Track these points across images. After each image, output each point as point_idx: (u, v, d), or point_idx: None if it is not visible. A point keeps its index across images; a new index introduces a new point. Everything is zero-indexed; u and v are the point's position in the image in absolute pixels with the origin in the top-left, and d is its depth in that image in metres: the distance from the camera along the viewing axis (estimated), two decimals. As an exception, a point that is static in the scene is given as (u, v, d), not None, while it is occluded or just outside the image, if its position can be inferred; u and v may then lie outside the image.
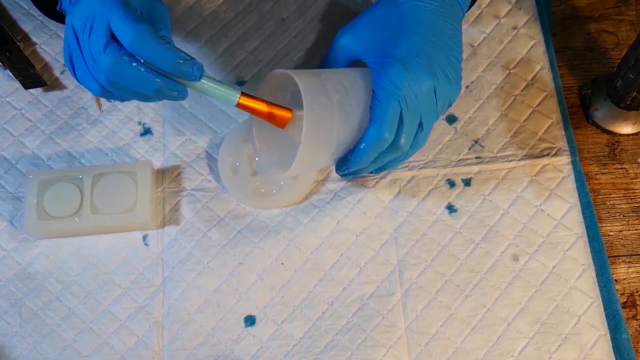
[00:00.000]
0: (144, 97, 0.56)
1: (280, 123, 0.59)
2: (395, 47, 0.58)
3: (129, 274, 0.66)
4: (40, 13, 0.76)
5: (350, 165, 0.59)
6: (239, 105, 0.57)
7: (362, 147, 0.57)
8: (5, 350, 0.63)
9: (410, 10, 0.59)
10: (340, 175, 0.61)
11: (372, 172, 0.63)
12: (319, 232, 0.67)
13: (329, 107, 0.56)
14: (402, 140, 0.57)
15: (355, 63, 0.63)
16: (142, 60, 0.53)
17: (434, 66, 0.58)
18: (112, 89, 0.55)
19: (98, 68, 0.53)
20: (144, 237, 0.67)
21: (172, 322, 0.64)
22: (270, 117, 0.59)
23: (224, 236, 0.67)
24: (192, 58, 0.53)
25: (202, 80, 0.55)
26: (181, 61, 0.52)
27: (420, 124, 0.58)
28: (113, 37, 0.52)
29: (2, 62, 0.73)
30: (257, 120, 0.60)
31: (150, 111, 0.72)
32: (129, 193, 0.66)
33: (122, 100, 0.58)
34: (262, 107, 0.58)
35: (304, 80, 0.56)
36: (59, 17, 0.75)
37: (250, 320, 0.64)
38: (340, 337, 0.63)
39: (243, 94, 0.57)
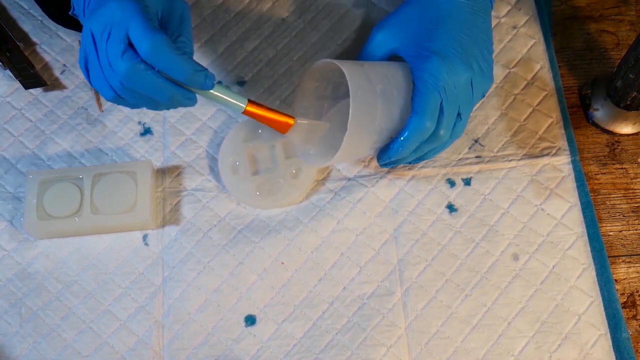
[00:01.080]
0: (155, 105, 0.57)
1: (282, 129, 0.61)
2: (432, 41, 0.60)
3: (129, 274, 0.66)
4: (41, 13, 0.76)
5: (392, 154, 0.61)
6: (245, 112, 0.59)
7: (405, 136, 0.60)
8: (5, 350, 0.63)
9: (446, 5, 0.61)
10: (381, 164, 0.64)
11: (410, 162, 0.65)
12: (319, 231, 0.67)
13: (372, 94, 0.58)
14: (442, 130, 0.60)
15: (391, 58, 0.65)
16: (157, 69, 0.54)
17: (469, 59, 0.60)
18: (126, 95, 0.55)
19: (113, 73, 0.53)
20: (144, 237, 0.67)
21: (172, 322, 0.64)
22: (273, 124, 0.61)
23: (224, 236, 0.67)
24: (205, 69, 0.54)
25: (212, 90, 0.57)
26: (195, 72, 0.53)
27: (459, 114, 0.60)
28: (131, 44, 0.53)
29: (2, 62, 0.73)
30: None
31: (150, 111, 0.72)
32: (129, 193, 0.66)
33: (132, 107, 0.59)
34: (267, 114, 0.60)
35: (349, 69, 0.58)
36: (68, 23, 0.74)
37: (250, 320, 0.64)
38: (341, 336, 0.63)
39: (250, 101, 0.59)
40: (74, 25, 0.73)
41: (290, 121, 0.61)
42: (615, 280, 0.65)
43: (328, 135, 0.63)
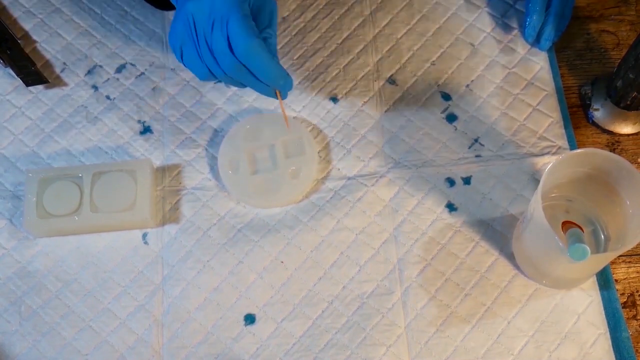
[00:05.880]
0: (242, 86, 0.64)
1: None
2: None
3: (129, 273, 0.66)
4: (41, 11, 0.76)
5: None
6: None
7: None
8: (5, 349, 0.63)
9: None
10: None
11: None
12: (318, 230, 0.67)
13: None
14: None
15: None
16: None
17: None
18: (220, 78, 0.61)
19: (215, 63, 0.59)
20: (144, 236, 0.67)
21: (171, 321, 0.64)
22: None
23: (224, 235, 0.67)
24: (288, 76, 0.61)
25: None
26: (280, 78, 0.60)
27: None
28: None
29: (2, 60, 0.73)
30: None
31: (149, 109, 0.72)
32: (128, 191, 0.66)
33: (222, 82, 0.65)
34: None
35: None
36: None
37: (250, 319, 0.64)
38: (340, 335, 0.63)
39: None
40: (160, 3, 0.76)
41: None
42: (616, 281, 0.65)
43: None
